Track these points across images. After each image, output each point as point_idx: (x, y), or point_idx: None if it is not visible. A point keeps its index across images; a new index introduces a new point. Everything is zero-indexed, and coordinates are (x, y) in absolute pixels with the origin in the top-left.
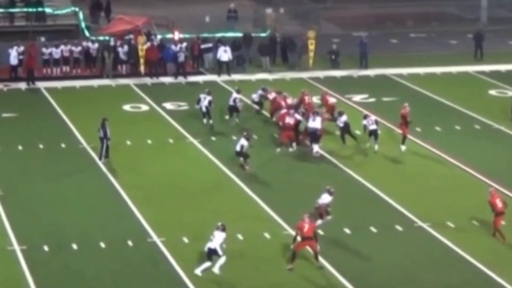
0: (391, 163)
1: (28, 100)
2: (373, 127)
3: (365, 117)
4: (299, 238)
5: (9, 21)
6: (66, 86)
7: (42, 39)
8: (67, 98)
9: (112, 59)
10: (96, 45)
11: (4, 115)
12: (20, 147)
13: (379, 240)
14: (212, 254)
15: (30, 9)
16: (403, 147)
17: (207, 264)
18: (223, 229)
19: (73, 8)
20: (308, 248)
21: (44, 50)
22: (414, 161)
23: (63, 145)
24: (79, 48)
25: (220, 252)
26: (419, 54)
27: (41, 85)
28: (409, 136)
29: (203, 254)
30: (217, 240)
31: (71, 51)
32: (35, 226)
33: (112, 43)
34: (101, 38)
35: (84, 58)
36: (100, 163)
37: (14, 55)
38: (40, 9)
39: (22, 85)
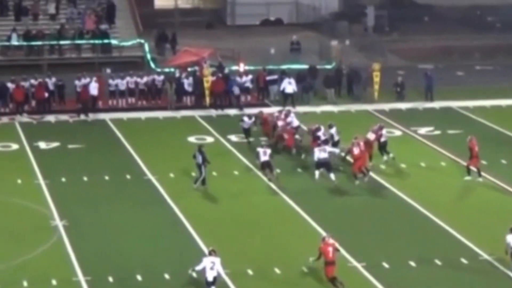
0: (455, 195)
1: (94, 131)
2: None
3: (330, 126)
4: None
5: (76, 52)
6: (132, 118)
7: (108, 70)
8: (133, 129)
9: (174, 90)
10: (162, 76)
11: (71, 146)
12: (85, 178)
13: (444, 273)
14: (215, 282)
15: (97, 41)
16: (468, 178)
17: None
18: (215, 253)
19: (139, 40)
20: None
21: (110, 81)
22: (479, 194)
23: (128, 176)
24: (145, 80)
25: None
26: (485, 87)
27: (106, 116)
28: (474, 169)
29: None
30: (218, 267)
31: (136, 83)
32: (100, 257)
33: (176, 74)
34: (166, 69)
35: (150, 89)
36: (163, 192)
37: (93, 86)
38: (106, 41)
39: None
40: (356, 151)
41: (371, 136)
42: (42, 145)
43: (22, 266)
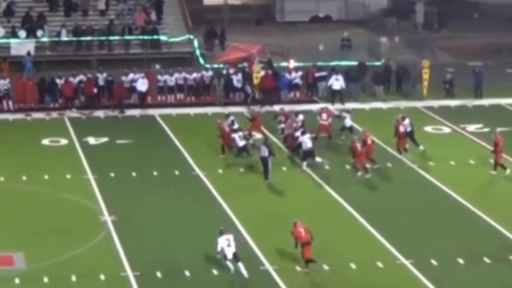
0: (504, 192)
1: (143, 127)
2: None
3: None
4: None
5: (125, 48)
6: (180, 113)
7: (157, 66)
8: (181, 125)
9: (223, 86)
10: (210, 72)
11: (119, 141)
12: (134, 174)
13: (492, 271)
14: (237, 256)
15: (146, 37)
16: (493, 172)
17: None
18: (227, 231)
19: (188, 36)
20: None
21: (159, 77)
22: None
23: (176, 172)
24: (193, 76)
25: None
26: None
27: (155, 112)
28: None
29: (230, 259)
30: (233, 243)
31: (185, 79)
32: (148, 252)
33: (224, 71)
34: (215, 65)
35: (198, 85)
36: (211, 188)
37: (141, 82)
38: (155, 37)
39: (137, 112)
40: (359, 145)
41: (401, 128)
42: (91, 140)
43: (70, 261)
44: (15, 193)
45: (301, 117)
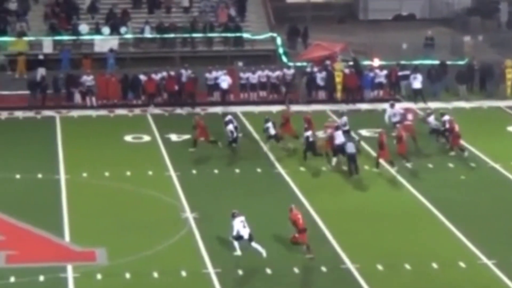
0: None
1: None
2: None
3: (442, 114)
4: None
5: (208, 45)
6: (263, 111)
7: (240, 64)
8: (263, 122)
9: (305, 84)
10: (292, 71)
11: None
12: (216, 171)
13: None
14: (252, 237)
15: (229, 34)
16: None
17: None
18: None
19: (271, 34)
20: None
21: (241, 75)
22: None
23: (258, 170)
24: (276, 74)
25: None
26: None
27: (237, 109)
28: None
29: (245, 241)
30: (247, 224)
31: (268, 77)
32: (230, 249)
33: (308, 69)
34: (298, 64)
35: (281, 83)
36: (293, 185)
37: (223, 79)
38: (238, 34)
39: (219, 109)
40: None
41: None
42: (173, 137)
43: (152, 258)
44: (97, 189)
45: (344, 118)
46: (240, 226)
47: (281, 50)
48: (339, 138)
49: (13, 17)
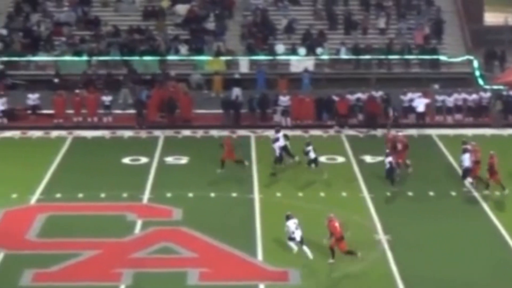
0: None
1: (420, 146)
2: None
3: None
4: None
5: (405, 67)
6: (458, 134)
7: (436, 86)
8: (459, 145)
9: (502, 108)
10: (488, 94)
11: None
12: (409, 193)
13: None
14: (303, 240)
15: (426, 56)
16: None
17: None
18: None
19: (467, 57)
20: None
21: (436, 97)
22: None
23: (452, 193)
24: (473, 97)
25: None
26: None
27: (432, 132)
28: None
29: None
30: (299, 227)
31: (464, 100)
32: (423, 272)
33: (505, 92)
34: (495, 87)
35: (476, 107)
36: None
37: (419, 102)
38: (435, 56)
39: (414, 131)
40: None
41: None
42: (368, 158)
43: (344, 279)
44: (290, 209)
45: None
46: (293, 227)
47: (477, 73)
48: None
49: (210, 37)
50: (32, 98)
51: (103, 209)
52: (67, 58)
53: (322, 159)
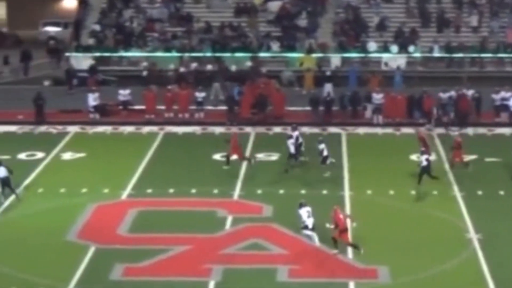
0: None
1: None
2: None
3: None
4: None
5: (498, 66)
6: None
7: None
8: None
9: None
10: None
11: (488, 159)
12: (501, 192)
13: None
14: (314, 227)
15: None
16: None
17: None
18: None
19: None
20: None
21: None
22: None
23: None
24: None
25: None
26: None
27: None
28: None
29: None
30: (311, 215)
31: None
32: None
33: None
34: None
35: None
36: None
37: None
38: None
39: (507, 130)
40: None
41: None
42: None
43: (434, 278)
44: (381, 207)
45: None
46: (305, 215)
47: None
48: None
49: (302, 34)
50: (123, 93)
51: (194, 205)
52: (159, 54)
53: (413, 157)
